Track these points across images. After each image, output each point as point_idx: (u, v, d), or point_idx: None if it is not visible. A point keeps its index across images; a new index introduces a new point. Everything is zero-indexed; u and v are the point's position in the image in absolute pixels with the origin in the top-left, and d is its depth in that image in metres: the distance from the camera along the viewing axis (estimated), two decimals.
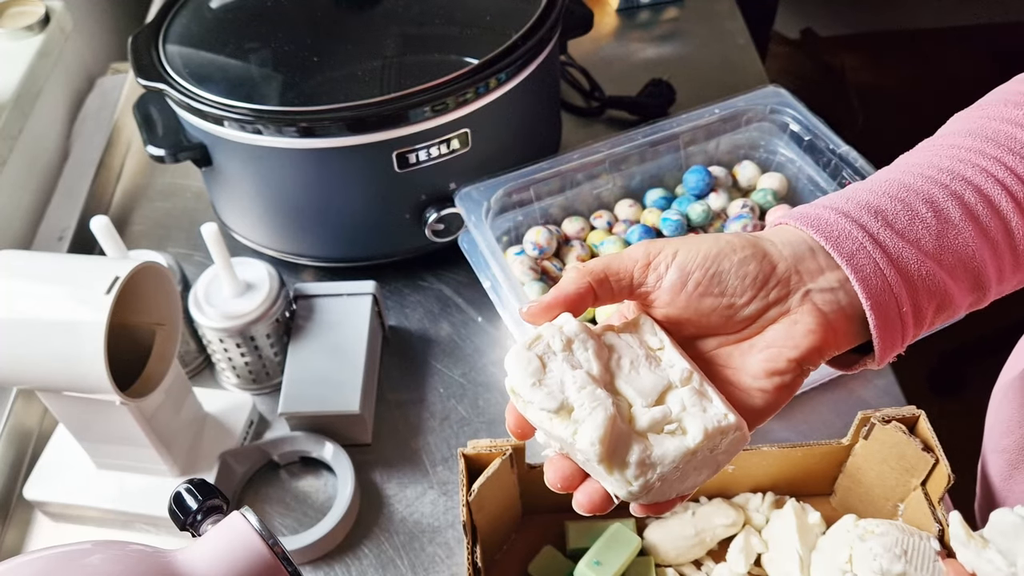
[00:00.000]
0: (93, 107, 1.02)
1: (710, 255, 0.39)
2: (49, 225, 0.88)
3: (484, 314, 0.81)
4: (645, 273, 0.40)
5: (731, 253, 0.39)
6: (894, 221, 0.39)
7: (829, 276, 0.39)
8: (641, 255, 0.40)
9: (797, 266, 0.39)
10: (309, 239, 0.80)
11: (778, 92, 0.82)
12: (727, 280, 0.39)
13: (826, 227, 0.39)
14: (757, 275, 0.39)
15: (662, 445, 0.36)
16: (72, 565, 0.37)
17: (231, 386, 0.76)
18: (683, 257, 0.39)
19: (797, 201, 0.82)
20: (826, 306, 0.38)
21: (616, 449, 0.35)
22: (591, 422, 0.35)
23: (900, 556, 0.55)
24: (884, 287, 0.38)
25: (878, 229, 0.39)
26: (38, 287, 0.56)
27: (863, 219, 0.39)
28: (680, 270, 0.39)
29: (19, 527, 0.69)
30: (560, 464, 0.38)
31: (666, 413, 0.37)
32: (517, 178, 0.76)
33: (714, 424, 0.36)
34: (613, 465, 0.35)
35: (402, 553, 0.65)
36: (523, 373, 0.37)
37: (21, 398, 0.73)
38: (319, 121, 0.69)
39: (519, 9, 0.77)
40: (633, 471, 0.35)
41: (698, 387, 0.38)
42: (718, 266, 0.39)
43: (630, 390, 0.38)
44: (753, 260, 0.39)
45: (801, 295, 0.39)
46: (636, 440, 0.36)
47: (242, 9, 0.82)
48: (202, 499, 0.44)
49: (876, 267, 0.38)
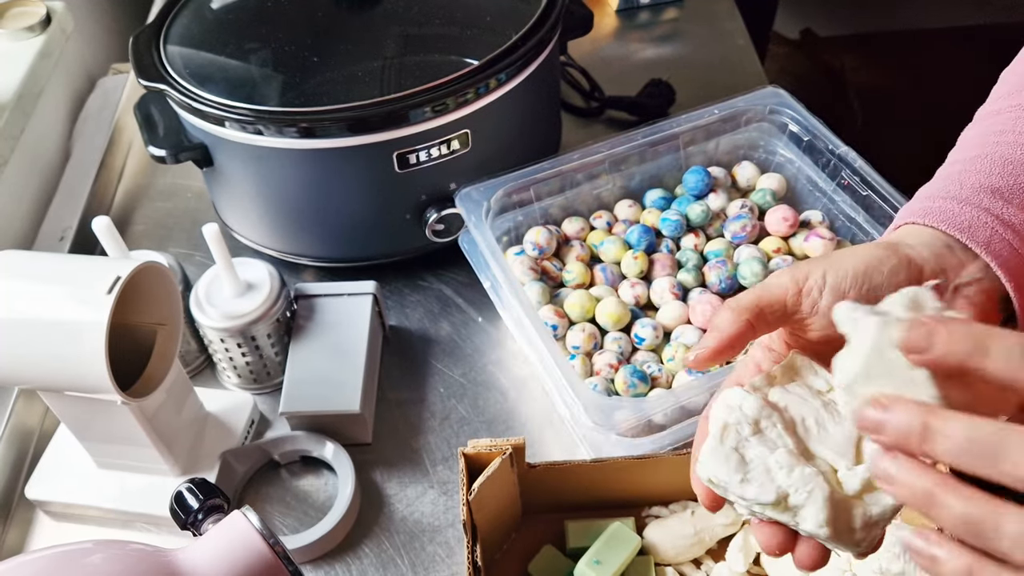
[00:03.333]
0: (94, 107, 1.02)
1: (859, 272, 0.39)
2: (50, 225, 0.88)
3: (484, 314, 0.81)
4: (798, 301, 0.39)
5: (879, 265, 0.39)
6: (1012, 197, 0.40)
7: (971, 268, 0.39)
8: (790, 283, 0.40)
9: (941, 264, 0.39)
10: (310, 239, 0.80)
11: (777, 92, 0.82)
12: (882, 293, 0.38)
13: (956, 220, 0.40)
14: (908, 282, 0.38)
15: (879, 503, 0.36)
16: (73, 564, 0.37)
17: (232, 386, 0.77)
18: (834, 279, 0.39)
19: (796, 202, 0.82)
20: (975, 296, 0.39)
21: (841, 523, 0.35)
22: (812, 507, 0.35)
23: (899, 555, 0.55)
24: (1022, 265, 0.39)
25: (1002, 209, 0.40)
26: (39, 287, 0.56)
27: (985, 203, 0.40)
28: (835, 292, 0.39)
29: (20, 526, 0.69)
30: (772, 531, 0.38)
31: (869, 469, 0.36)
32: (517, 178, 0.76)
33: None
34: (841, 540, 0.35)
35: (402, 552, 0.66)
36: (727, 472, 0.37)
37: (22, 398, 0.73)
38: (320, 122, 0.69)
39: (519, 10, 0.77)
40: (859, 535, 0.36)
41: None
42: (871, 281, 0.39)
43: (827, 452, 0.37)
44: (902, 269, 0.39)
45: (951, 292, 0.39)
46: (855, 506, 0.36)
47: (243, 10, 0.82)
48: (203, 498, 0.44)
49: (1011, 248, 0.39)
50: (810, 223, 0.78)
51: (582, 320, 0.73)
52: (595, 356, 0.71)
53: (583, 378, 0.70)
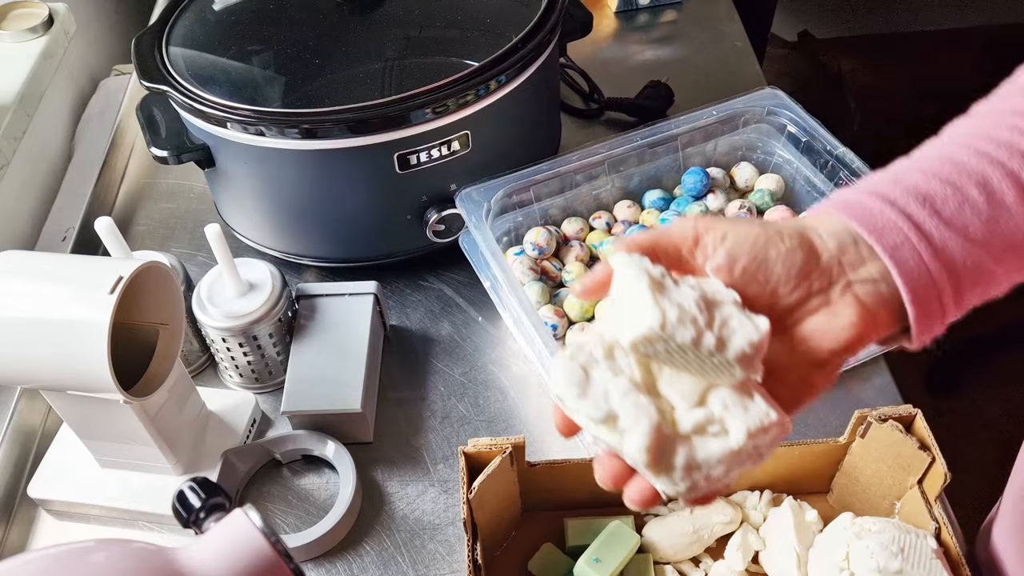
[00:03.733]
0: (97, 109, 1.02)
1: (759, 243, 0.39)
2: (53, 225, 0.88)
3: (484, 314, 0.81)
4: (693, 251, 0.40)
5: (779, 242, 0.39)
6: (942, 208, 0.38)
7: (871, 267, 0.38)
8: (691, 232, 0.40)
9: (840, 257, 0.39)
10: (311, 240, 0.81)
11: (775, 94, 0.82)
12: (773, 268, 0.39)
13: (870, 218, 0.39)
14: (802, 266, 0.38)
15: (706, 447, 0.36)
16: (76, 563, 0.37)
17: (234, 385, 0.77)
18: (732, 241, 0.39)
19: (794, 202, 0.83)
20: (867, 297, 0.38)
21: (662, 455, 0.36)
22: (636, 430, 0.36)
23: (897, 554, 0.56)
24: (927, 280, 0.38)
25: (924, 218, 0.38)
26: (42, 287, 0.56)
27: (909, 207, 0.38)
28: (728, 254, 0.39)
29: (23, 525, 0.70)
30: (609, 463, 0.39)
31: (708, 415, 0.37)
32: (517, 179, 0.76)
33: (756, 423, 0.36)
34: (660, 470, 0.36)
35: (403, 550, 0.66)
36: (567, 383, 0.37)
37: (25, 397, 0.73)
38: (321, 123, 0.69)
39: (519, 12, 0.78)
40: (680, 474, 0.36)
41: (740, 385, 0.37)
42: (765, 253, 0.39)
43: (672, 392, 0.38)
44: (800, 250, 0.39)
45: (842, 286, 0.39)
46: (681, 444, 0.36)
47: (245, 11, 0.82)
48: (205, 497, 0.44)
49: (919, 259, 0.38)
50: None
51: (581, 320, 0.73)
52: None
53: None
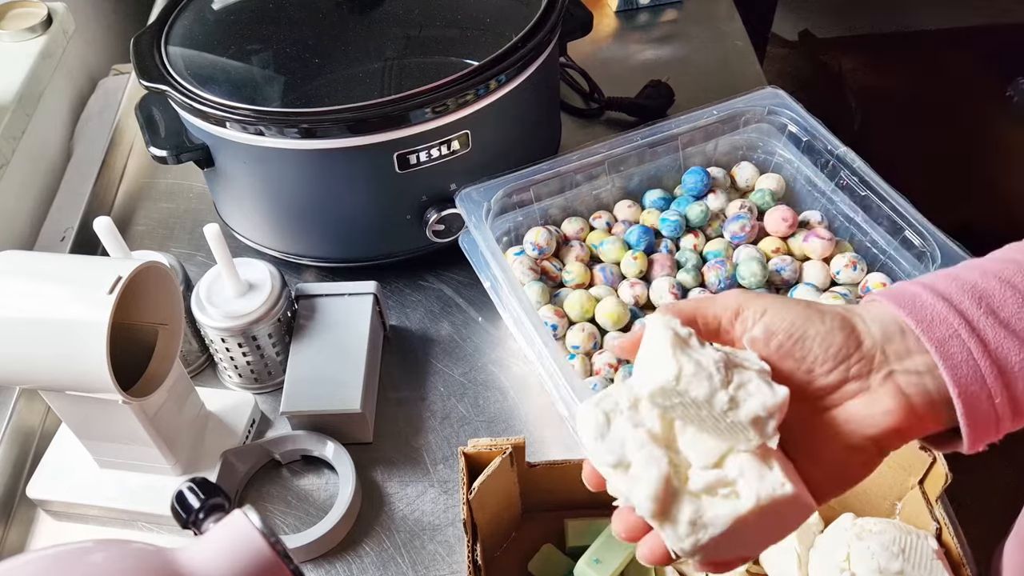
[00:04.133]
0: (96, 108, 1.02)
1: (798, 320, 0.39)
2: (52, 225, 0.88)
3: (484, 314, 0.81)
4: (733, 323, 0.40)
5: (819, 322, 0.39)
6: (1000, 308, 0.38)
7: (917, 359, 0.38)
8: (733, 304, 0.40)
9: (884, 345, 0.38)
10: (311, 239, 0.81)
11: (776, 93, 0.82)
12: (810, 347, 0.38)
13: (920, 309, 0.38)
14: (841, 347, 0.38)
15: (714, 507, 0.36)
16: (75, 564, 0.37)
17: (233, 385, 0.77)
18: (771, 317, 0.39)
19: (795, 202, 0.82)
20: (910, 388, 0.37)
21: (668, 507, 0.36)
22: (645, 479, 0.36)
23: (898, 554, 0.56)
24: (976, 377, 0.36)
25: (979, 316, 0.37)
26: (41, 287, 0.56)
27: (963, 304, 0.38)
28: (766, 328, 0.39)
29: (22, 526, 0.70)
30: (627, 516, 0.40)
31: (721, 477, 0.37)
32: (517, 179, 0.76)
33: (768, 492, 0.36)
34: (664, 521, 0.36)
35: (403, 551, 0.66)
36: (589, 426, 0.39)
37: (24, 397, 0.73)
38: (320, 122, 0.69)
39: (519, 11, 0.78)
40: (684, 529, 0.36)
41: (761, 453, 0.37)
42: (804, 331, 0.38)
43: (692, 452, 0.38)
44: (840, 332, 0.38)
45: (884, 375, 0.38)
46: (689, 500, 0.36)
47: (244, 11, 0.82)
48: (204, 498, 0.44)
49: (969, 356, 0.37)
50: (809, 223, 0.79)
51: (581, 320, 0.73)
52: (594, 356, 0.71)
53: (583, 377, 0.70)
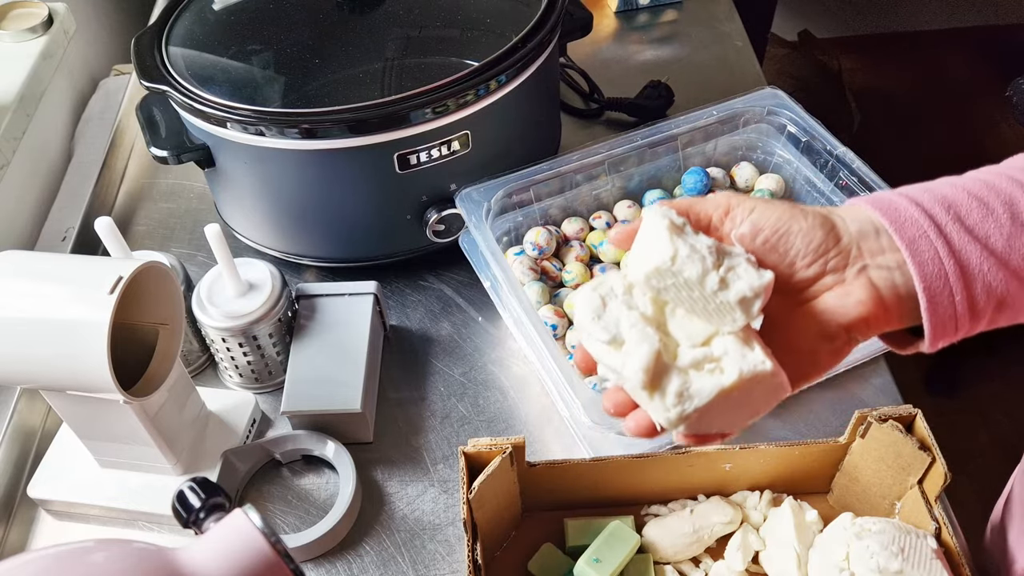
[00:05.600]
0: (96, 108, 1.02)
1: (783, 218, 0.42)
2: (53, 225, 0.88)
3: (484, 314, 0.81)
4: (723, 220, 0.43)
5: (801, 219, 0.42)
6: (966, 217, 0.41)
7: (888, 256, 0.41)
8: (723, 203, 0.43)
9: (860, 242, 0.41)
10: (311, 240, 0.81)
11: (775, 94, 0.82)
12: (792, 242, 0.41)
13: (894, 211, 0.42)
14: (821, 243, 0.41)
15: (699, 381, 0.39)
16: (75, 563, 0.37)
17: (234, 385, 0.77)
18: (758, 215, 0.42)
19: (794, 202, 0.83)
20: (881, 282, 0.41)
21: (657, 379, 0.39)
22: (637, 353, 0.39)
23: (897, 554, 0.56)
24: (940, 274, 0.40)
25: (947, 222, 0.41)
26: (42, 287, 0.56)
27: (934, 210, 0.41)
28: (752, 224, 0.42)
29: (23, 525, 0.70)
30: (615, 394, 0.43)
31: (707, 353, 0.40)
32: (517, 179, 0.76)
33: (750, 368, 0.39)
34: (653, 391, 0.39)
35: (403, 550, 0.66)
36: (586, 308, 0.41)
37: (25, 397, 0.73)
38: (321, 123, 0.69)
39: (519, 12, 0.78)
40: (671, 399, 0.39)
41: (743, 335, 0.40)
42: (788, 227, 0.42)
43: (680, 333, 0.41)
44: (820, 229, 0.42)
45: (858, 269, 0.41)
46: (677, 374, 0.40)
47: (245, 11, 0.82)
48: (205, 497, 0.44)
49: (936, 255, 0.40)
50: None
51: None
52: None
53: (582, 377, 0.70)
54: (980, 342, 1.25)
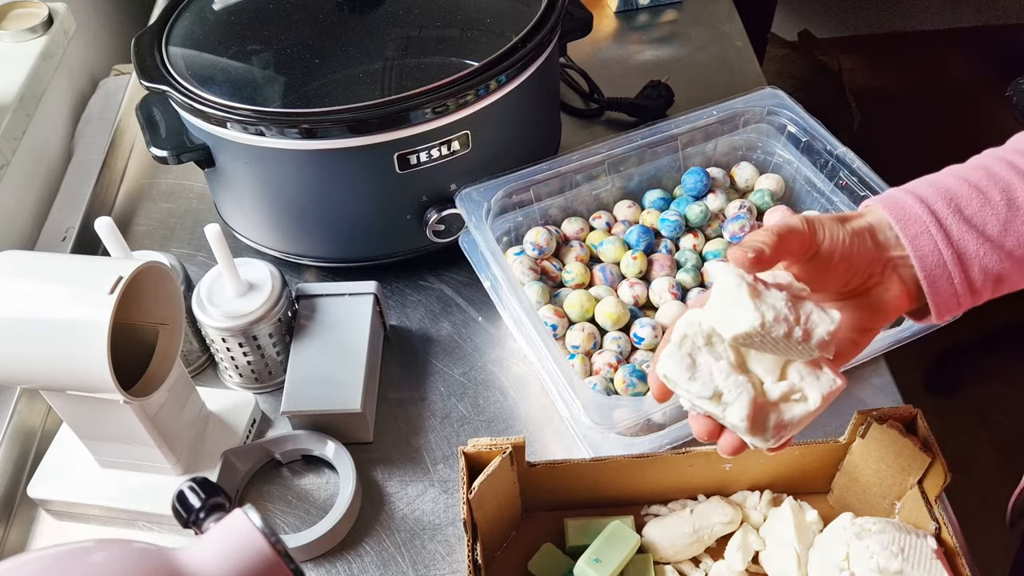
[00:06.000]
0: (96, 108, 1.02)
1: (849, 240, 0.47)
2: (53, 225, 0.88)
3: (484, 314, 0.81)
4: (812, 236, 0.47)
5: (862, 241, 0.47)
6: (965, 207, 0.47)
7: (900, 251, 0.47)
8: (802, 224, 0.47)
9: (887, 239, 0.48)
10: (311, 240, 0.81)
11: (776, 94, 0.82)
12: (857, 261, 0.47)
13: (900, 210, 0.47)
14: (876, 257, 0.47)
15: (791, 411, 0.45)
16: (75, 563, 0.37)
17: (234, 385, 0.77)
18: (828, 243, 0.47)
19: (794, 202, 0.83)
20: (903, 272, 0.47)
21: (759, 421, 0.45)
22: (738, 404, 0.45)
23: (897, 554, 0.56)
24: (939, 263, 0.46)
25: (947, 215, 0.47)
26: (42, 287, 0.56)
27: (936, 204, 0.47)
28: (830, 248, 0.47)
29: (23, 525, 0.70)
30: (704, 423, 0.48)
31: (791, 385, 0.46)
32: (517, 179, 0.76)
33: (828, 388, 0.46)
34: (756, 434, 0.45)
35: (403, 550, 0.66)
36: (680, 370, 0.46)
37: (25, 397, 0.73)
38: (321, 123, 0.69)
39: (519, 12, 0.78)
40: (771, 433, 0.45)
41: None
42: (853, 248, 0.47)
43: (759, 369, 0.46)
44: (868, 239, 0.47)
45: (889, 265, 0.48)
46: (772, 410, 0.45)
47: (245, 11, 0.82)
48: (205, 497, 0.44)
49: (935, 248, 0.46)
50: None
51: (581, 320, 0.73)
52: (594, 355, 0.71)
53: (582, 377, 0.70)
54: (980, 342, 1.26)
